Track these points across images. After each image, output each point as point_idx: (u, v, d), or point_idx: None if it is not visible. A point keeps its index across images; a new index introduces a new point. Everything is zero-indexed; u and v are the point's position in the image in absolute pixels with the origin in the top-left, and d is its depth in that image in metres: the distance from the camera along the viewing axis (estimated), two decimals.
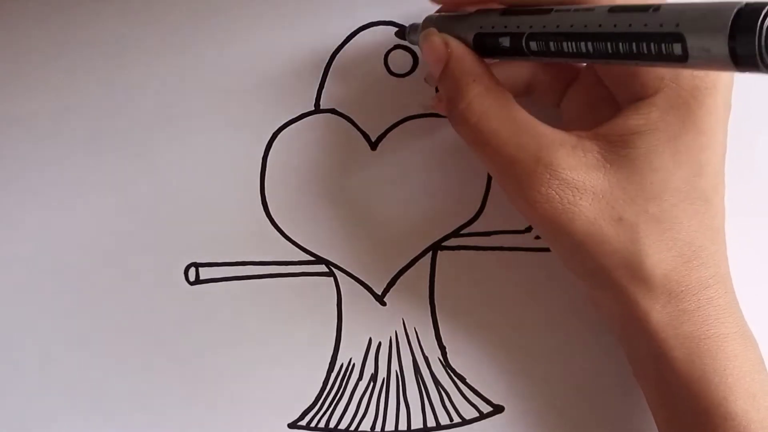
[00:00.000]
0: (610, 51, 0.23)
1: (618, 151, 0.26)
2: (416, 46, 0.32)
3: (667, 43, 0.21)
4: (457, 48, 0.28)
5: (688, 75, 0.26)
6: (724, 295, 0.27)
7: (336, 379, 0.34)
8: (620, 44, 0.22)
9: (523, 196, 0.27)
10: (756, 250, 0.33)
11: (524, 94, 0.31)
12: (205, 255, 0.33)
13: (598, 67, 0.28)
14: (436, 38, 0.28)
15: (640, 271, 0.26)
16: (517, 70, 0.31)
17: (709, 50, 0.20)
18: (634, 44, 0.22)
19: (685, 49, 0.21)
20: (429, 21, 0.30)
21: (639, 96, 0.26)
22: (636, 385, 0.30)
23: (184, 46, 0.33)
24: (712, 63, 0.20)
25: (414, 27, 0.31)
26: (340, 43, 0.33)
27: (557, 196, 0.26)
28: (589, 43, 0.23)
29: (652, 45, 0.22)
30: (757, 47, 0.19)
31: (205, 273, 0.33)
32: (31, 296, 0.34)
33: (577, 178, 0.26)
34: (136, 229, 0.33)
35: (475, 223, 0.33)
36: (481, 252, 0.33)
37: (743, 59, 0.20)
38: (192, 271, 0.33)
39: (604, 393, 0.33)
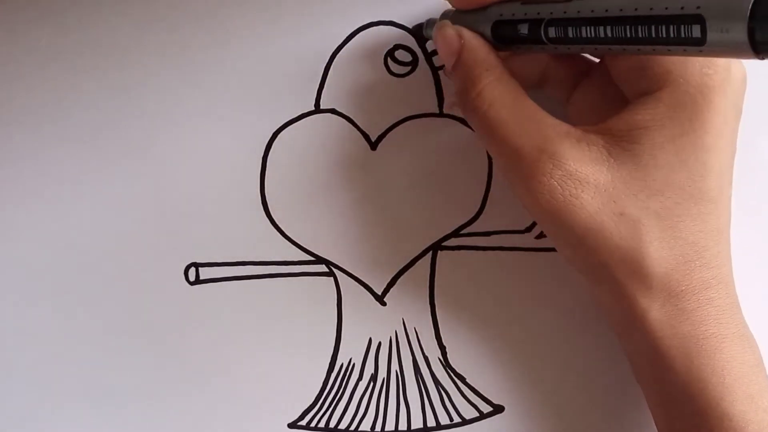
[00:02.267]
0: (629, 35, 0.23)
1: (623, 145, 0.26)
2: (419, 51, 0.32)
3: (686, 25, 0.21)
4: (471, 39, 0.28)
5: (696, 71, 0.26)
6: (726, 296, 0.27)
7: (336, 379, 0.34)
8: (639, 28, 0.22)
9: (526, 185, 0.27)
10: (757, 250, 0.33)
11: (535, 87, 0.31)
12: (205, 255, 0.33)
13: (609, 61, 0.28)
14: (450, 30, 0.29)
15: (640, 269, 0.26)
16: (530, 63, 0.30)
17: (728, 33, 0.20)
18: (653, 27, 0.22)
19: (704, 31, 0.21)
20: (445, 15, 0.30)
21: (646, 91, 0.26)
22: (636, 385, 0.30)
23: (184, 46, 0.33)
24: (730, 48, 0.21)
25: (431, 22, 0.31)
26: (340, 43, 0.33)
27: (559, 188, 0.26)
28: (609, 28, 0.23)
29: (671, 28, 0.22)
30: None
31: (205, 273, 0.33)
32: (31, 296, 0.34)
33: (580, 170, 0.26)
34: (136, 229, 0.33)
35: (475, 223, 0.33)
36: (481, 252, 0.33)
37: (762, 45, 0.20)
38: (192, 271, 0.33)
39: (605, 393, 0.33)
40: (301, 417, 0.34)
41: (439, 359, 0.33)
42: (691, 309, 0.27)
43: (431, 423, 0.33)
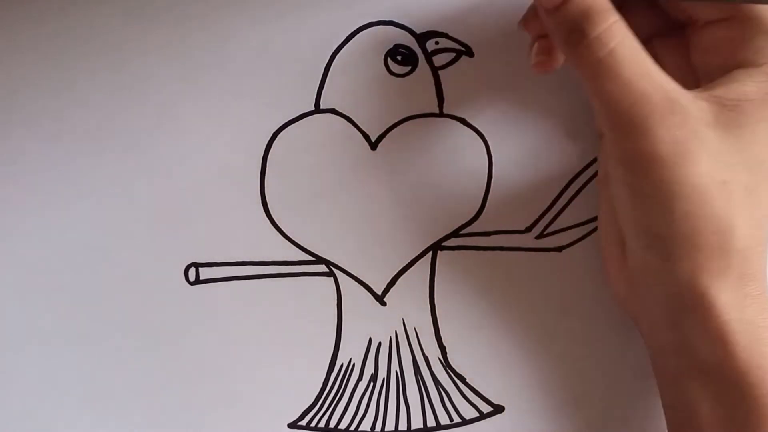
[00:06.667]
0: None
1: (730, 115, 0.26)
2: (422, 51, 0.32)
3: None
4: None
5: None
6: None
7: (336, 379, 0.34)
8: None
9: (648, 132, 0.25)
10: None
11: None
12: (205, 255, 0.33)
13: (702, 30, 0.28)
14: None
15: (725, 243, 0.25)
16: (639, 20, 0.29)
17: None
18: None
19: None
20: None
21: (749, 63, 0.26)
22: (637, 385, 0.30)
23: (184, 46, 0.33)
24: None
25: None
26: (340, 43, 0.33)
27: (683, 142, 0.25)
28: None
29: None
30: None
31: (205, 273, 0.33)
32: (31, 296, 0.34)
33: (701, 130, 0.25)
34: (136, 229, 0.33)
35: (475, 223, 0.33)
36: (481, 252, 0.33)
37: None
38: (192, 271, 0.33)
39: (605, 393, 0.33)
40: (301, 417, 0.34)
41: (439, 359, 0.33)
42: (755, 294, 0.26)
43: (431, 423, 0.33)
